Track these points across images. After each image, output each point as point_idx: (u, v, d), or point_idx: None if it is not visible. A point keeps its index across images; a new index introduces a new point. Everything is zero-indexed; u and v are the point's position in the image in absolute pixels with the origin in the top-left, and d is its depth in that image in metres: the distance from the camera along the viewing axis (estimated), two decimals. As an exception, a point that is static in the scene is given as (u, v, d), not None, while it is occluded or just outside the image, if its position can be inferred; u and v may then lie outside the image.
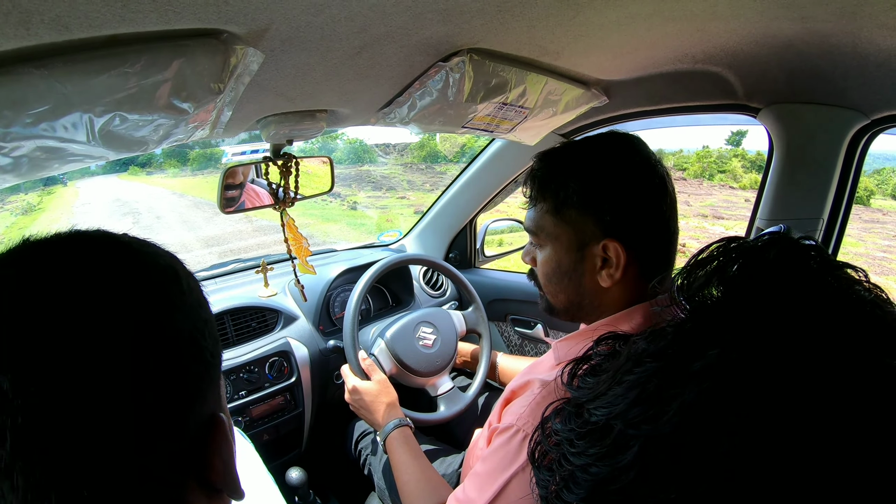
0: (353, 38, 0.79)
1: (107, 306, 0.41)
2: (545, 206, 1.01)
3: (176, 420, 0.44)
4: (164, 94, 0.70)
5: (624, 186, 0.95)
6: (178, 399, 0.44)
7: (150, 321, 0.43)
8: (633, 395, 0.38)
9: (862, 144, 1.34)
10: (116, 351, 0.40)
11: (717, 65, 1.23)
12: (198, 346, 0.46)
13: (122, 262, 0.44)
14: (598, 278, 0.97)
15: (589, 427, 0.40)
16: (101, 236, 0.46)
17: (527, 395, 0.98)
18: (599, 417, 0.40)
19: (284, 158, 1.32)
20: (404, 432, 1.39)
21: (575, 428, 0.41)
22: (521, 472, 0.87)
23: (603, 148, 1.00)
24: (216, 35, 0.67)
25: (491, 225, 2.47)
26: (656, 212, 0.97)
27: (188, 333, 0.46)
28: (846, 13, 0.88)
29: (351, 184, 20.00)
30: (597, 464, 0.38)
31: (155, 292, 0.45)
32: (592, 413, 0.40)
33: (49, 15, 0.51)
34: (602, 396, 0.41)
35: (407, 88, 1.11)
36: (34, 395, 0.36)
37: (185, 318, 0.46)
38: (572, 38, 1.00)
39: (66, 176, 19.14)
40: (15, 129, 0.62)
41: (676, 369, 0.37)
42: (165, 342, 0.43)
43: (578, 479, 0.39)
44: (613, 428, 0.38)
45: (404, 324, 1.78)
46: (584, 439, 0.40)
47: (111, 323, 0.40)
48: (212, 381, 0.49)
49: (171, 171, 23.09)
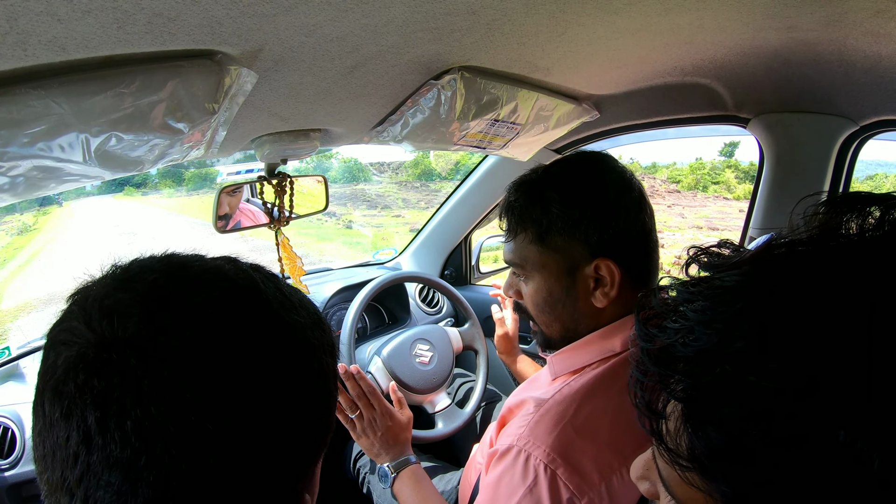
0: (345, 57, 0.80)
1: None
2: (527, 235, 1.00)
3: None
4: (159, 114, 0.70)
5: (606, 204, 0.96)
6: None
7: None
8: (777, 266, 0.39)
9: (851, 151, 1.36)
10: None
11: (706, 77, 1.24)
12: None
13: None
14: (592, 300, 0.97)
15: (717, 288, 0.41)
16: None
17: (522, 414, 0.97)
18: (730, 281, 0.40)
19: (279, 177, 1.33)
20: (417, 471, 1.31)
21: (703, 290, 0.41)
22: (530, 494, 0.85)
23: (577, 170, 1.01)
24: (210, 56, 0.68)
25: (486, 241, 2.47)
26: (639, 224, 0.98)
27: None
28: (831, 21, 0.90)
29: (346, 203, 20.02)
30: (714, 322, 0.39)
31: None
32: (723, 279, 0.41)
33: (46, 36, 0.52)
34: (736, 267, 0.41)
35: (399, 107, 1.12)
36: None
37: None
38: (562, 55, 1.01)
39: (62, 196, 19.11)
40: (12, 148, 0.62)
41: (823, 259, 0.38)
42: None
43: (696, 332, 0.39)
44: (744, 293, 0.39)
45: (401, 341, 1.78)
46: (710, 300, 0.40)
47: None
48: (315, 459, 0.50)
49: (166, 191, 23.10)
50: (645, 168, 17.73)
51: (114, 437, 0.37)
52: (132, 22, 0.54)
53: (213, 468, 0.39)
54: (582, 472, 0.85)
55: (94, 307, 0.41)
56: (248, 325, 0.43)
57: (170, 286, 0.43)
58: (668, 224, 13.61)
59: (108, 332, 0.39)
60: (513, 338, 1.70)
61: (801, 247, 0.40)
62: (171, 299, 0.41)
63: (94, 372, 0.38)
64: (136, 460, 0.37)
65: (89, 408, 0.38)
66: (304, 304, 0.50)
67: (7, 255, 15.13)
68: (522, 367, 1.68)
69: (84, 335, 0.40)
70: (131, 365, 0.38)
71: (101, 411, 0.37)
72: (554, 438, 0.87)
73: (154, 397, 0.38)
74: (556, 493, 0.84)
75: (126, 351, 0.38)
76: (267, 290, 0.47)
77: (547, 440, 0.87)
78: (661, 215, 14.01)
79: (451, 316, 2.34)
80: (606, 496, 0.85)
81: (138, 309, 0.40)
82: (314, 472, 0.51)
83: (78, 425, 0.38)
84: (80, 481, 0.38)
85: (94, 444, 0.38)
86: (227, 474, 0.40)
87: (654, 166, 17.85)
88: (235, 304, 0.44)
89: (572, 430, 0.88)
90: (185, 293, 0.42)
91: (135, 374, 0.38)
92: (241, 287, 0.45)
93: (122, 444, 0.37)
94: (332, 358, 0.50)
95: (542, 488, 0.84)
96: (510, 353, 1.70)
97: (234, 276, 0.46)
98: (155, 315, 0.40)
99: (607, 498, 0.85)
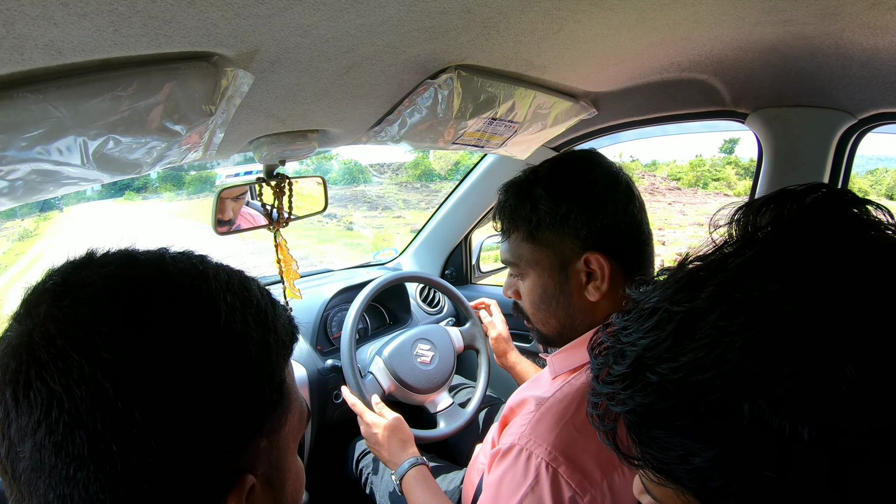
0: (341, 57, 0.80)
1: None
2: (519, 234, 1.03)
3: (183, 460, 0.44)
4: (157, 116, 0.70)
5: (593, 198, 0.97)
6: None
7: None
8: (682, 284, 0.48)
9: (850, 144, 1.36)
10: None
11: (703, 72, 1.24)
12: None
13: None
14: (586, 294, 0.98)
15: (641, 312, 0.49)
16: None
17: (524, 412, 0.98)
18: (651, 303, 0.49)
19: (278, 179, 1.33)
20: (421, 471, 1.34)
21: (631, 316, 0.51)
22: (531, 493, 0.85)
23: (564, 167, 1.03)
24: (206, 58, 0.68)
25: (486, 241, 2.47)
26: (628, 216, 0.99)
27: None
28: (827, 14, 0.90)
29: (347, 204, 19.98)
30: (644, 336, 0.47)
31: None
32: (647, 301, 0.50)
33: (42, 40, 0.52)
34: (656, 290, 0.50)
35: (397, 106, 1.12)
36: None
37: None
38: (558, 52, 1.02)
39: (63, 201, 19.12)
40: (10, 152, 0.63)
41: (718, 266, 0.47)
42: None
43: (627, 353, 0.48)
44: (660, 309, 0.47)
45: (402, 341, 1.78)
46: (637, 321, 0.49)
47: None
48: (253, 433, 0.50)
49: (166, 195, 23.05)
50: (645, 166, 17.71)
51: (22, 407, 0.41)
52: (128, 25, 0.54)
53: (103, 432, 0.40)
54: (584, 469, 0.85)
55: (22, 305, 0.46)
56: (139, 292, 0.45)
57: (77, 272, 0.46)
58: (668, 222, 13.59)
59: (26, 321, 0.44)
60: (507, 338, 1.73)
61: (698, 261, 0.50)
62: (74, 282, 0.45)
63: (12, 355, 0.42)
64: (38, 427, 0.41)
65: (6, 385, 0.42)
66: (221, 273, 0.51)
67: (8, 260, 15.13)
68: (523, 368, 1.68)
69: (14, 329, 0.44)
70: (35, 342, 0.42)
71: (13, 386, 0.41)
72: (555, 436, 0.88)
73: (49, 367, 0.41)
74: (557, 492, 0.84)
75: (33, 332, 0.42)
76: (172, 263, 0.49)
77: (548, 438, 0.88)
78: (661, 213, 13.98)
79: (452, 315, 2.34)
80: (609, 493, 0.85)
81: (48, 295, 0.44)
82: (265, 451, 0.51)
83: (1, 403, 0.42)
84: (7, 456, 0.43)
85: (11, 418, 0.42)
86: (120, 438, 0.41)
87: (655, 164, 17.83)
88: (130, 276, 0.46)
89: (573, 428, 0.88)
90: (87, 275, 0.45)
91: (37, 349, 0.41)
92: (142, 262, 0.48)
93: (28, 413, 0.41)
94: (260, 327, 0.50)
95: (544, 487, 0.84)
96: (507, 353, 1.71)
97: (139, 255, 0.49)
98: (59, 297, 0.44)
99: (609, 495, 0.85)
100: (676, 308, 0.46)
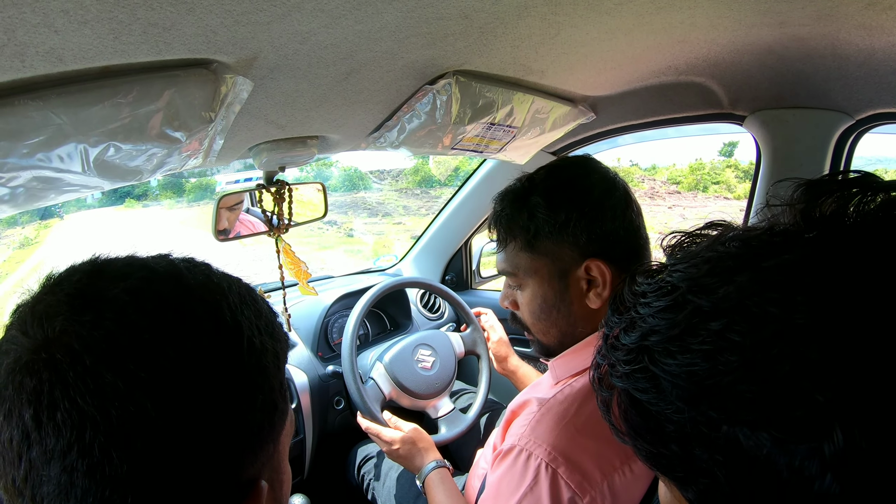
0: (339, 63, 0.80)
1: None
2: (517, 244, 1.02)
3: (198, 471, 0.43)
4: (157, 123, 0.71)
5: (591, 205, 0.96)
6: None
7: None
8: (706, 269, 0.44)
9: (848, 145, 1.36)
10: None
11: (701, 75, 1.25)
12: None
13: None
14: (586, 302, 0.98)
15: (661, 286, 0.46)
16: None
17: (525, 413, 0.98)
18: (673, 279, 0.46)
19: (278, 185, 1.33)
20: (441, 473, 1.34)
21: (654, 284, 0.48)
22: (530, 493, 0.85)
23: (560, 174, 1.02)
24: (206, 65, 0.68)
25: (486, 246, 2.47)
26: (627, 221, 0.98)
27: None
28: (823, 15, 0.90)
29: (347, 211, 19.98)
30: (655, 315, 0.45)
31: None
32: (671, 273, 0.46)
33: (43, 47, 0.52)
34: (685, 261, 0.47)
35: (395, 112, 1.12)
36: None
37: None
38: (556, 56, 1.02)
39: (63, 209, 19.14)
40: (11, 159, 0.63)
41: (751, 259, 0.42)
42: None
43: (637, 325, 0.46)
44: (678, 290, 0.44)
45: (402, 347, 1.78)
46: (655, 293, 0.46)
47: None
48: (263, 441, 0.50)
49: (167, 202, 23.06)
50: (645, 170, 17.69)
51: (47, 430, 0.39)
52: (128, 32, 0.55)
53: (142, 452, 0.40)
54: (583, 470, 0.85)
55: (27, 314, 0.43)
56: (167, 308, 0.44)
57: (93, 283, 0.45)
58: (669, 225, 13.56)
59: (38, 334, 0.41)
60: (507, 342, 1.74)
61: (736, 242, 0.45)
62: (92, 294, 0.43)
63: (27, 372, 0.40)
64: (69, 450, 0.39)
65: (25, 406, 0.39)
66: (233, 286, 0.51)
67: (9, 268, 15.14)
68: (524, 373, 1.68)
69: (21, 342, 0.42)
70: (57, 360, 0.40)
71: (35, 407, 0.39)
72: (555, 437, 0.88)
73: (79, 387, 0.39)
74: (556, 492, 0.84)
75: (53, 348, 0.40)
76: (190, 276, 0.48)
77: (548, 439, 0.88)
78: (662, 216, 13.97)
79: (452, 321, 2.34)
80: (608, 494, 0.85)
81: (64, 308, 0.42)
82: (271, 456, 0.51)
83: (17, 424, 0.40)
84: (25, 479, 0.40)
85: (32, 440, 0.39)
86: (157, 457, 0.40)
87: (654, 168, 17.81)
88: (154, 290, 0.45)
89: (574, 429, 0.88)
90: (105, 287, 0.44)
91: (61, 367, 0.40)
92: (162, 275, 0.47)
93: (55, 435, 0.39)
94: (270, 337, 0.50)
95: (543, 487, 0.84)
96: (508, 358, 1.72)
97: (155, 266, 0.48)
98: (78, 311, 0.42)
99: (609, 496, 0.85)
100: (690, 297, 0.42)
